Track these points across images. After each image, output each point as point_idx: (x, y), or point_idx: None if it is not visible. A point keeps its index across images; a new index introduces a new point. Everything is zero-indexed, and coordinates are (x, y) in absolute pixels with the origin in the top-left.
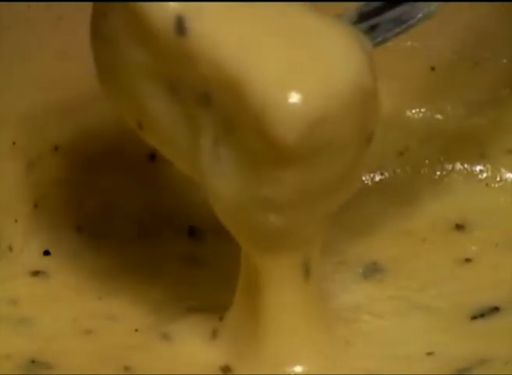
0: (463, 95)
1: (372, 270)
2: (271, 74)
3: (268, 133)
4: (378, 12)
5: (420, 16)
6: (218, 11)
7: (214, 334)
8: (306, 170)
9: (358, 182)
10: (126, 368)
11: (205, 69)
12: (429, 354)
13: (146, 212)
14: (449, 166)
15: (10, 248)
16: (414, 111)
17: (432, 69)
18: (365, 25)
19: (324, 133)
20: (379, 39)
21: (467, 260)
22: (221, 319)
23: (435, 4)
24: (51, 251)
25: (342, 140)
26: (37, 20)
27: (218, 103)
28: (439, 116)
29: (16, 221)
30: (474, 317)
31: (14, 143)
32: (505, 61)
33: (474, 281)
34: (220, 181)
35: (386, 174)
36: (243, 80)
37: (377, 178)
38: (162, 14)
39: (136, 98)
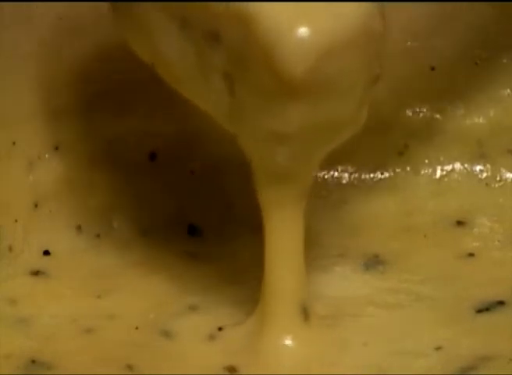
0: (463, 95)
1: (374, 262)
2: (279, 10)
3: (276, 66)
4: None
5: None
6: None
7: (215, 332)
8: (312, 105)
9: (360, 125)
10: (129, 366)
11: (215, 6)
12: (438, 349)
13: (146, 211)
14: (449, 166)
15: (10, 248)
16: (414, 111)
17: (432, 69)
18: None
19: (330, 68)
20: None
21: (470, 255)
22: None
23: None
24: (51, 251)
25: (347, 77)
26: (37, 20)
27: (228, 40)
28: (438, 116)
29: (16, 221)
30: (479, 310)
31: (14, 143)
32: (505, 61)
33: (478, 276)
34: (235, 112)
35: (386, 174)
36: (251, 15)
37: (377, 178)
38: None
39: (150, 33)
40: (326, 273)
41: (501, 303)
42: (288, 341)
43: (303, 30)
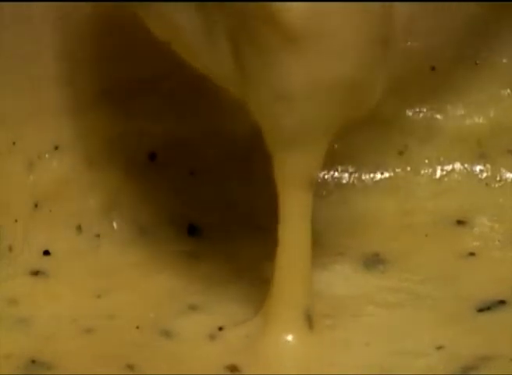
0: (463, 95)
1: (374, 261)
2: None
3: (274, 15)
4: None
5: None
6: None
7: (215, 331)
8: (313, 61)
9: (374, 100)
10: (129, 366)
11: None
12: (438, 348)
13: (146, 211)
14: (449, 166)
15: (10, 248)
16: (414, 111)
17: (432, 69)
18: None
19: (329, 16)
20: None
21: (471, 254)
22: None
23: None
24: (51, 251)
25: (345, 32)
26: (37, 20)
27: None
28: (438, 116)
29: (16, 221)
30: (480, 310)
31: (14, 143)
32: (505, 61)
33: (479, 275)
34: (241, 76)
35: (386, 174)
36: None
37: (377, 178)
38: None
39: (164, 13)
40: (327, 271)
41: (502, 302)
42: (289, 341)
43: None
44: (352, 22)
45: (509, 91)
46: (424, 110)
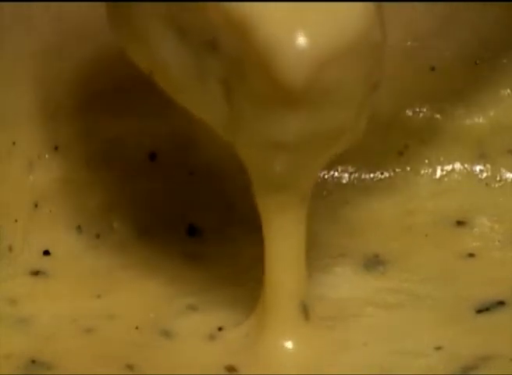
0: (463, 95)
1: (374, 263)
2: (278, 17)
3: (275, 76)
4: None
5: None
6: None
7: (215, 332)
8: (311, 114)
9: (360, 133)
10: (129, 366)
11: (213, 14)
12: (438, 348)
13: (146, 211)
14: (449, 166)
15: (10, 248)
16: (414, 111)
17: (432, 69)
18: None
19: (329, 77)
20: None
21: (471, 255)
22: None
23: None
24: (51, 251)
25: (347, 86)
26: (37, 20)
27: (226, 48)
28: (438, 116)
29: (16, 221)
30: (479, 311)
31: (14, 143)
32: (505, 61)
33: (478, 276)
34: (232, 120)
35: (386, 174)
36: (250, 23)
37: (377, 178)
38: None
39: (147, 42)
40: (326, 273)
41: (501, 303)
42: (288, 341)
43: (302, 40)
44: (352, 76)
45: (509, 91)
46: (424, 110)
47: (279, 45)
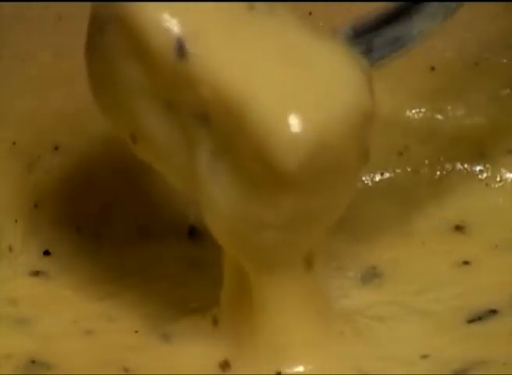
0: (463, 95)
1: (371, 275)
2: (271, 99)
3: (268, 158)
4: (374, 28)
5: (415, 33)
6: (218, 34)
7: (212, 335)
8: (306, 194)
9: (354, 194)
10: (126, 369)
11: (205, 92)
12: (424, 357)
13: (146, 212)
14: (449, 166)
15: (10, 248)
16: (414, 111)
17: (432, 69)
18: (362, 43)
19: (324, 159)
20: (376, 58)
21: (466, 263)
22: (215, 320)
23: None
24: (51, 251)
25: (342, 163)
26: (37, 20)
27: (217, 123)
28: (439, 116)
29: (16, 221)
30: (471, 320)
31: (14, 143)
32: (505, 61)
33: (473, 284)
34: (216, 193)
35: (386, 174)
36: (243, 104)
37: (377, 178)
38: (163, 36)
39: (131, 113)
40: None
41: (493, 312)
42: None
43: (295, 123)
44: (346, 155)
45: (509, 90)
46: (424, 110)
47: (273, 128)
